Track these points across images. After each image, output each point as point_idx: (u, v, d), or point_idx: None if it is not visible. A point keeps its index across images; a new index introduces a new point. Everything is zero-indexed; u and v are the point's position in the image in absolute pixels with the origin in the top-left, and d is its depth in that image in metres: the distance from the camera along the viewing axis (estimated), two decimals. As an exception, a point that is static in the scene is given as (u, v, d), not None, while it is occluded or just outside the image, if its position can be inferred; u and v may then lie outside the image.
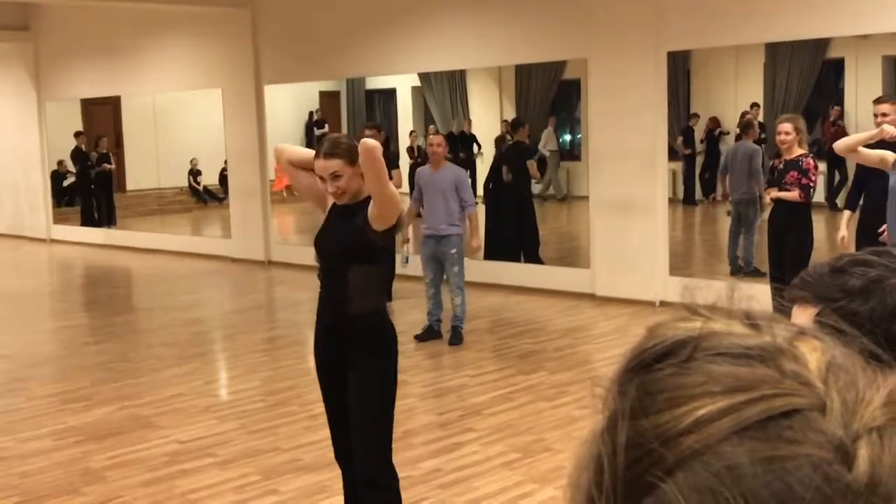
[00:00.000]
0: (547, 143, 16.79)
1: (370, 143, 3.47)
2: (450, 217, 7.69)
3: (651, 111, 9.08)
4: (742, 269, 9.78)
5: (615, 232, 9.41)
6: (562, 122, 18.07)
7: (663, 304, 8.98)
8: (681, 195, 15.77)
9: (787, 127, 6.94)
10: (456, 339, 7.96)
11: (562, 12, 9.65)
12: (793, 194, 6.88)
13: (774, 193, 6.99)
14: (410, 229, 8.81)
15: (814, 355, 0.53)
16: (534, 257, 10.83)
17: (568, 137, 18.28)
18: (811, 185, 6.91)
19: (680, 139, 15.54)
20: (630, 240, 9.28)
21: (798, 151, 6.94)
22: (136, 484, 4.96)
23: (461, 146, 16.58)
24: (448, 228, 7.68)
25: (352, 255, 3.66)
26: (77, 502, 4.70)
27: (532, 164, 10.75)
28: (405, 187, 10.12)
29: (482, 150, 16.23)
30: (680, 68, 14.65)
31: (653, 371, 0.54)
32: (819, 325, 0.65)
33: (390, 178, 3.64)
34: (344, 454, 3.87)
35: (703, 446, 0.49)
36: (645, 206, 9.16)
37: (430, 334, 8.04)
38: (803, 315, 1.09)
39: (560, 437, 5.53)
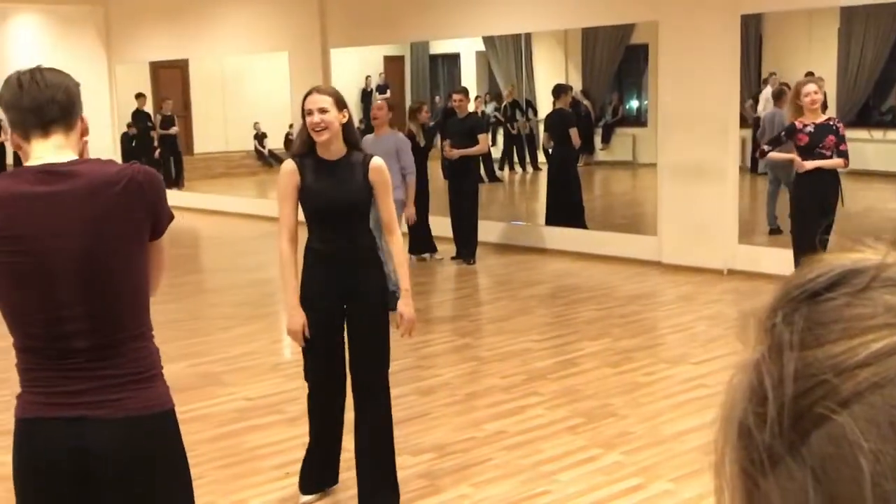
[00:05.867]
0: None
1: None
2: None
3: (723, 76, 8.90)
4: (781, 229, 9.76)
5: (684, 199, 9.28)
6: (628, 88, 17.83)
7: (731, 272, 8.85)
8: (748, 162, 15.50)
9: (814, 87, 6.94)
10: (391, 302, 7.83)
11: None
12: (836, 162, 6.85)
13: (812, 163, 6.87)
14: None
15: None
16: (578, 225, 10.70)
17: (634, 103, 18.04)
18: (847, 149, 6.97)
19: (750, 103, 15.23)
20: (699, 207, 9.14)
21: (822, 115, 6.91)
22: (206, 439, 5.05)
23: (521, 112, 16.48)
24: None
25: (359, 206, 3.97)
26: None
27: (574, 132, 10.55)
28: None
29: (537, 116, 16.08)
30: (752, 32, 14.33)
31: (823, 301, 0.52)
32: None
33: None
34: (329, 383, 4.08)
35: (883, 378, 0.47)
36: (715, 173, 9.01)
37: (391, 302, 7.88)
38: None
39: (625, 403, 5.50)
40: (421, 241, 10.12)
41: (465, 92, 10.12)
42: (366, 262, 4.01)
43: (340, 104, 3.91)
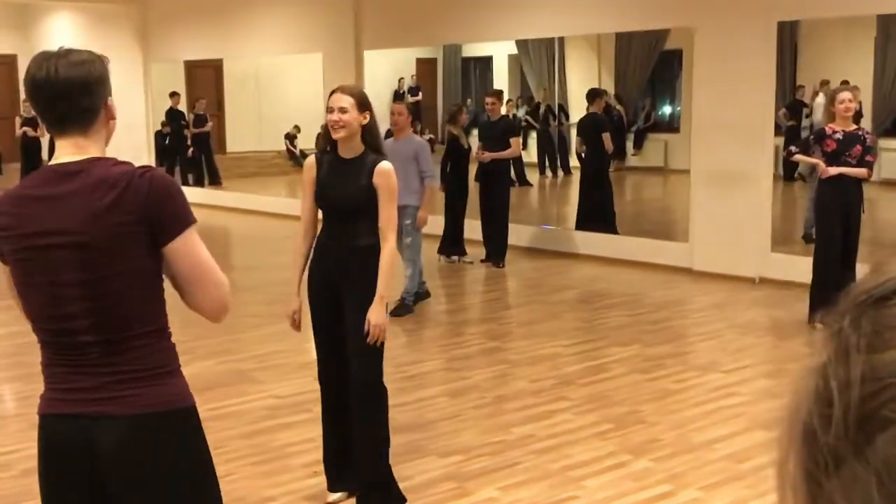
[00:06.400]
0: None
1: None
2: (407, 187, 7.26)
3: (758, 83, 8.85)
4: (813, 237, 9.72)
5: (716, 206, 9.23)
6: (661, 93, 17.75)
7: (763, 280, 8.79)
8: (781, 170, 15.37)
9: (850, 94, 6.96)
10: (401, 310, 7.74)
11: (668, -21, 9.46)
12: (859, 171, 6.92)
13: (836, 170, 6.91)
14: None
15: None
16: (609, 230, 10.67)
17: (667, 109, 17.96)
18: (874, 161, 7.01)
19: (783, 111, 15.12)
20: (731, 214, 9.09)
21: (854, 124, 6.96)
22: (237, 435, 5.09)
23: (553, 117, 16.45)
24: (404, 198, 6.81)
25: (360, 206, 4.01)
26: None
27: (607, 137, 10.52)
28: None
29: (569, 120, 16.05)
30: (787, 39, 14.22)
31: (890, 305, 0.52)
32: None
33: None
34: (333, 376, 4.18)
35: None
36: (748, 180, 8.95)
37: (400, 309, 7.77)
38: None
39: (655, 410, 5.48)
40: (453, 242, 10.14)
41: (496, 95, 10.10)
42: (364, 263, 4.00)
43: (362, 106, 3.98)
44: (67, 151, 2.28)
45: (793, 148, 7.34)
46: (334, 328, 4.13)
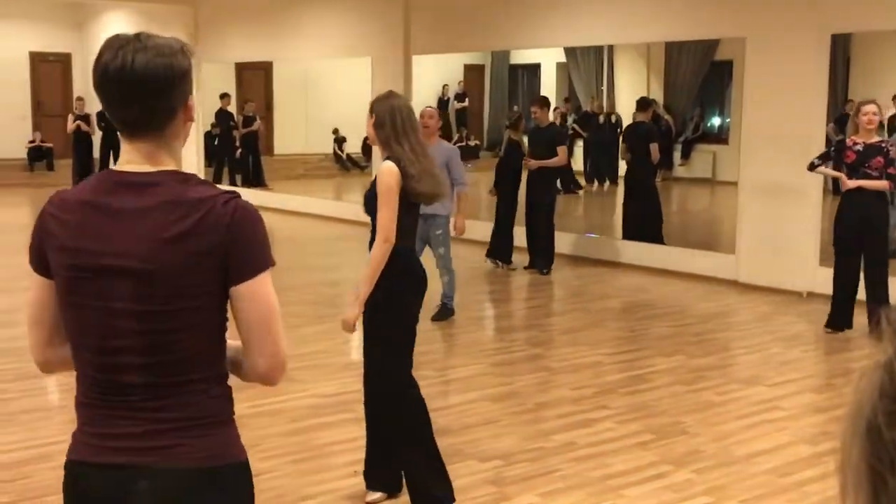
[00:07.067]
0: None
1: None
2: None
3: (810, 95, 8.75)
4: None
5: (764, 218, 9.13)
6: (710, 104, 17.61)
7: (811, 294, 8.67)
8: (831, 184, 15.17)
9: (874, 108, 6.95)
10: (443, 313, 7.74)
11: (720, -12, 9.39)
12: (880, 184, 6.88)
13: (854, 182, 6.90)
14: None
15: None
16: (655, 239, 10.60)
17: (716, 120, 17.82)
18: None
19: (831, 125, 14.91)
20: (780, 227, 8.99)
21: (875, 136, 6.90)
22: (278, 433, 5.13)
23: (601, 125, 16.38)
24: (435, 208, 6.44)
25: (372, 209, 4.09)
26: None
27: (654, 148, 10.43)
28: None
29: (618, 129, 15.97)
30: (840, 53, 14.04)
31: None
32: None
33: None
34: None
35: None
36: (798, 193, 8.85)
37: (441, 313, 7.76)
38: None
39: (697, 422, 5.43)
40: (501, 248, 10.16)
41: (540, 102, 10.03)
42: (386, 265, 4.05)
43: (372, 112, 4.13)
44: (136, 158, 1.97)
45: (815, 160, 7.27)
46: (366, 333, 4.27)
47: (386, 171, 3.98)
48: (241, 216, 1.93)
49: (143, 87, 1.90)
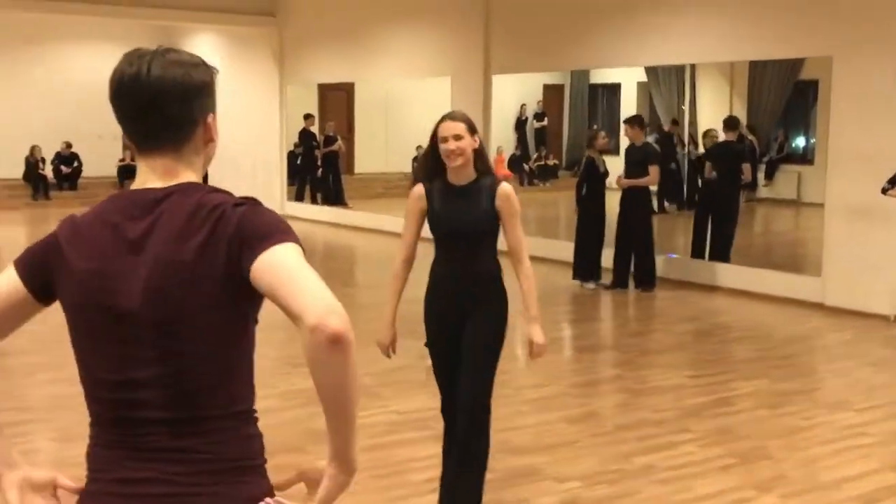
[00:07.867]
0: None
1: None
2: None
3: (899, 115, 8.54)
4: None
5: (851, 240, 8.92)
6: (794, 124, 17.29)
7: (900, 319, 8.45)
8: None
9: None
10: None
11: (804, 5, 9.24)
12: None
13: None
14: None
15: None
16: (722, 258, 10.45)
17: (801, 141, 17.47)
18: None
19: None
20: (867, 249, 8.78)
21: None
22: (358, 449, 5.15)
23: (683, 145, 16.19)
24: None
25: (484, 232, 3.98)
26: (302, 460, 4.94)
27: (747, 168, 10.38)
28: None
29: (699, 149, 15.79)
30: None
31: None
32: None
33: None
34: (450, 409, 4.13)
35: None
36: (886, 215, 8.62)
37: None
38: None
39: (782, 446, 5.32)
40: (587, 267, 10.13)
41: (631, 122, 10.09)
42: (486, 291, 4.00)
43: (472, 130, 3.95)
44: (151, 175, 1.81)
45: (886, 185, 7.07)
46: (449, 361, 4.10)
47: (513, 193, 3.97)
48: (248, 210, 1.75)
49: (158, 95, 1.76)
